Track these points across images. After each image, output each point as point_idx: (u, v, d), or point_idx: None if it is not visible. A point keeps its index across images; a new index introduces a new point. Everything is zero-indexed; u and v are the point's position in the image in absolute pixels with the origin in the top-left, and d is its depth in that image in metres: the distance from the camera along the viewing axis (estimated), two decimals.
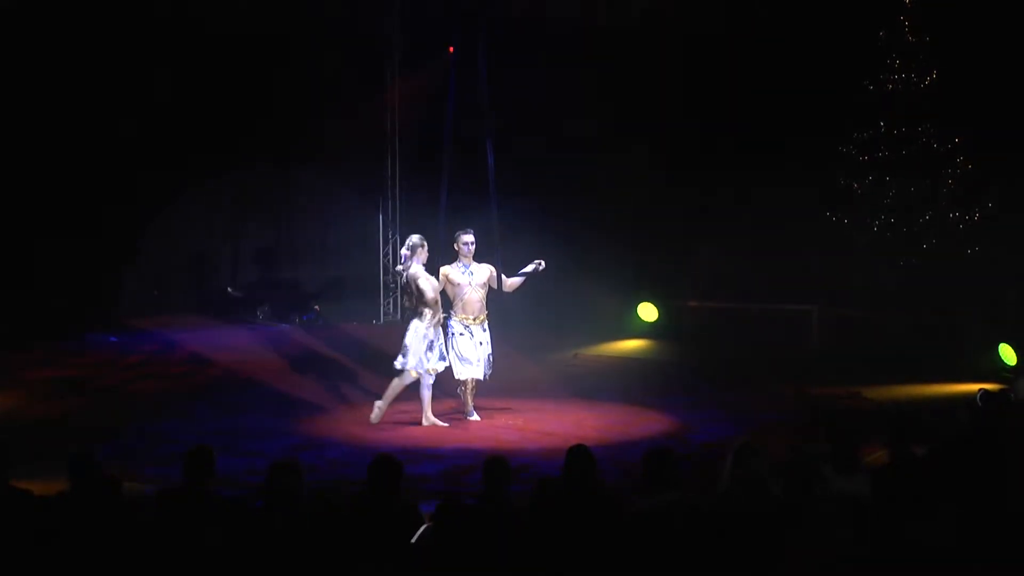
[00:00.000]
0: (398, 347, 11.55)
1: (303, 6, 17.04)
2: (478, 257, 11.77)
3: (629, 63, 17.12)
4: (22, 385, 13.46)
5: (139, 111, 16.75)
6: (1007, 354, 13.68)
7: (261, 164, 18.35)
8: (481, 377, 11.70)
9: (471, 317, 11.64)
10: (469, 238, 11.71)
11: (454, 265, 11.71)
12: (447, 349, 11.65)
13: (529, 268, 11.73)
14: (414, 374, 11.51)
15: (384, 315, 18.60)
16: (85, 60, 16.29)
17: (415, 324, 11.52)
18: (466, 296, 11.62)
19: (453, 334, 11.69)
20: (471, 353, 11.61)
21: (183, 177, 17.42)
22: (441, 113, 12.71)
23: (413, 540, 6.14)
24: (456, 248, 11.74)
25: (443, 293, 11.75)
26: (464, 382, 11.78)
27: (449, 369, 11.66)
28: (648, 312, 17.34)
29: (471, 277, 11.66)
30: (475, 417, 11.75)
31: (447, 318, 11.72)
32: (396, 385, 11.56)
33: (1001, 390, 8.68)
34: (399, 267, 11.66)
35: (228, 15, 16.71)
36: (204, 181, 17.74)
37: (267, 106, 17.64)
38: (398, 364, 11.51)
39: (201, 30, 16.65)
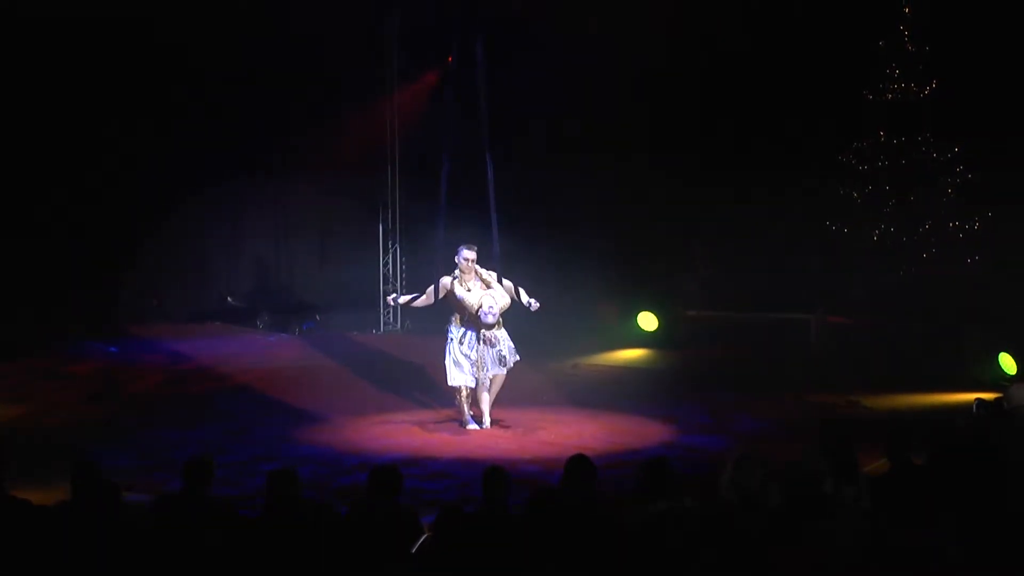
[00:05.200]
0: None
1: (302, 15, 17.05)
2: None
3: (629, 72, 17.15)
4: (21, 394, 13.46)
5: (139, 119, 16.76)
6: (1007, 363, 13.69)
7: (260, 173, 18.36)
8: (473, 385, 11.70)
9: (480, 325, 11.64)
10: (471, 255, 11.68)
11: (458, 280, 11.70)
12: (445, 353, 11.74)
13: (523, 300, 11.65)
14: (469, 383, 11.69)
15: (384, 325, 18.58)
16: (88, 67, 16.32)
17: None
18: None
19: (452, 339, 11.72)
20: (464, 360, 11.63)
21: (182, 185, 17.44)
22: (440, 122, 12.75)
23: (413, 550, 6.15)
24: (458, 264, 11.72)
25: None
26: (458, 389, 11.78)
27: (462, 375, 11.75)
28: (648, 321, 17.33)
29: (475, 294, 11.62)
30: (473, 426, 11.74)
31: (447, 324, 11.82)
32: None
33: (996, 398, 8.68)
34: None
35: (228, 21, 16.73)
36: (203, 189, 17.74)
37: (267, 114, 17.66)
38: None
39: (199, 35, 16.66)
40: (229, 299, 18.96)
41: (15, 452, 6.77)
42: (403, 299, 12.19)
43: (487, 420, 11.72)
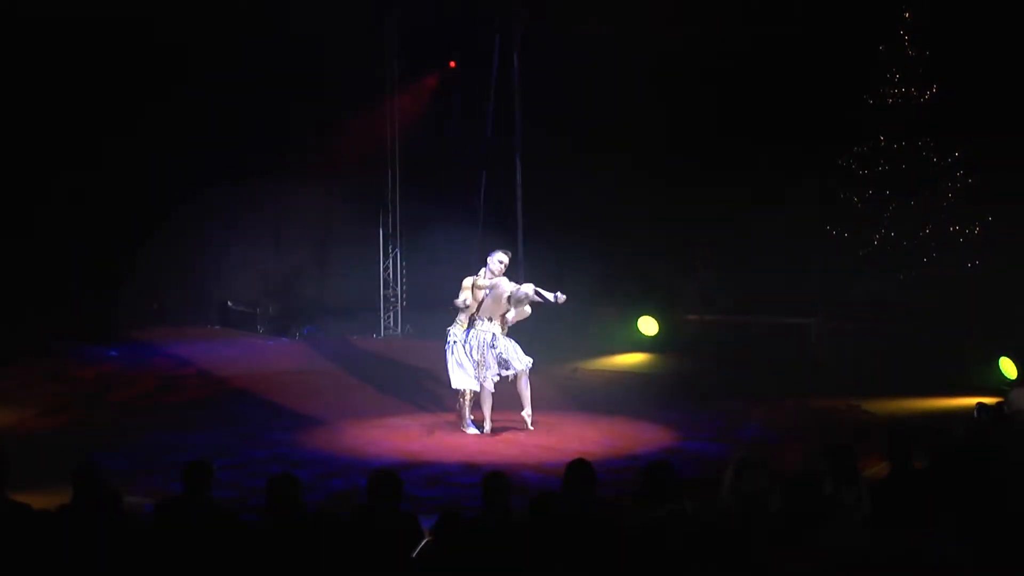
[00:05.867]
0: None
1: (302, 19, 17.07)
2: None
3: (629, 74, 17.16)
4: (22, 399, 13.45)
5: (138, 121, 16.78)
6: (1007, 367, 13.69)
7: (260, 176, 18.36)
8: (478, 389, 11.69)
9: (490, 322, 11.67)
10: (506, 259, 11.69)
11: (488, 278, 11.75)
12: (446, 357, 11.74)
13: (548, 295, 11.63)
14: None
15: (384, 329, 18.58)
16: (88, 69, 16.34)
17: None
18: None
19: (454, 342, 11.71)
20: (467, 361, 11.62)
21: (181, 188, 17.46)
22: (440, 126, 12.74)
23: (414, 555, 6.14)
24: (490, 265, 11.71)
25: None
26: (461, 392, 11.77)
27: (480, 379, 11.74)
28: (648, 326, 17.33)
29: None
30: (473, 430, 11.73)
31: (448, 327, 11.84)
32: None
33: (997, 403, 8.69)
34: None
35: (228, 29, 16.76)
36: (203, 193, 17.76)
37: (267, 116, 17.66)
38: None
39: (199, 37, 16.69)
40: (228, 303, 18.96)
41: (15, 456, 6.73)
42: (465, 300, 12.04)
43: (488, 425, 11.72)
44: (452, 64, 18.48)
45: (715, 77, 16.95)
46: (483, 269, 11.72)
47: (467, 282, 11.70)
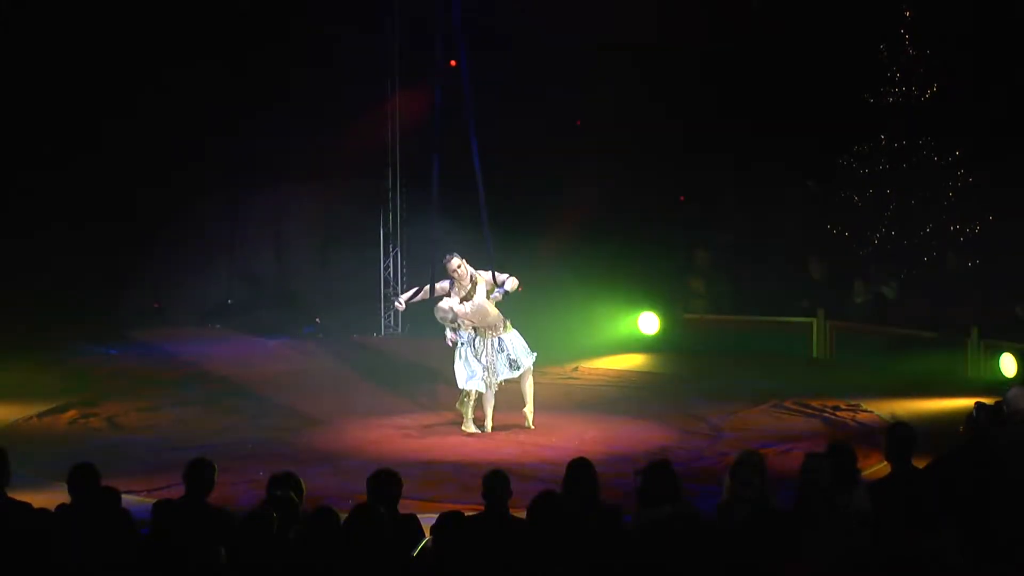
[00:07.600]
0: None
1: (302, 19, 17.07)
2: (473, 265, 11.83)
3: (630, 74, 17.16)
4: (23, 397, 13.45)
5: (139, 123, 16.79)
6: (1007, 367, 13.70)
7: (261, 175, 18.36)
8: (484, 390, 11.69)
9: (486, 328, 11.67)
10: (453, 263, 11.67)
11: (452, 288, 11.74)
12: (454, 357, 11.74)
13: (507, 287, 11.62)
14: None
15: (385, 327, 18.57)
16: (88, 72, 16.36)
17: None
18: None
19: (461, 343, 11.70)
20: (475, 363, 11.62)
21: (183, 188, 17.47)
22: (440, 126, 12.72)
23: (414, 554, 6.14)
24: (452, 275, 11.73)
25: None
26: (466, 392, 11.76)
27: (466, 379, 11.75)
28: (649, 323, 17.32)
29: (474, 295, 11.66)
30: (474, 430, 11.73)
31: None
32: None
33: (996, 402, 8.68)
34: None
35: (228, 29, 16.77)
36: (204, 192, 17.76)
37: (267, 119, 17.67)
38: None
39: (200, 43, 16.70)
40: (230, 302, 18.96)
41: (15, 454, 6.74)
42: (405, 296, 12.12)
43: (489, 424, 11.73)
44: (452, 63, 18.45)
45: (716, 77, 16.96)
46: (450, 279, 11.70)
47: (442, 285, 11.73)
